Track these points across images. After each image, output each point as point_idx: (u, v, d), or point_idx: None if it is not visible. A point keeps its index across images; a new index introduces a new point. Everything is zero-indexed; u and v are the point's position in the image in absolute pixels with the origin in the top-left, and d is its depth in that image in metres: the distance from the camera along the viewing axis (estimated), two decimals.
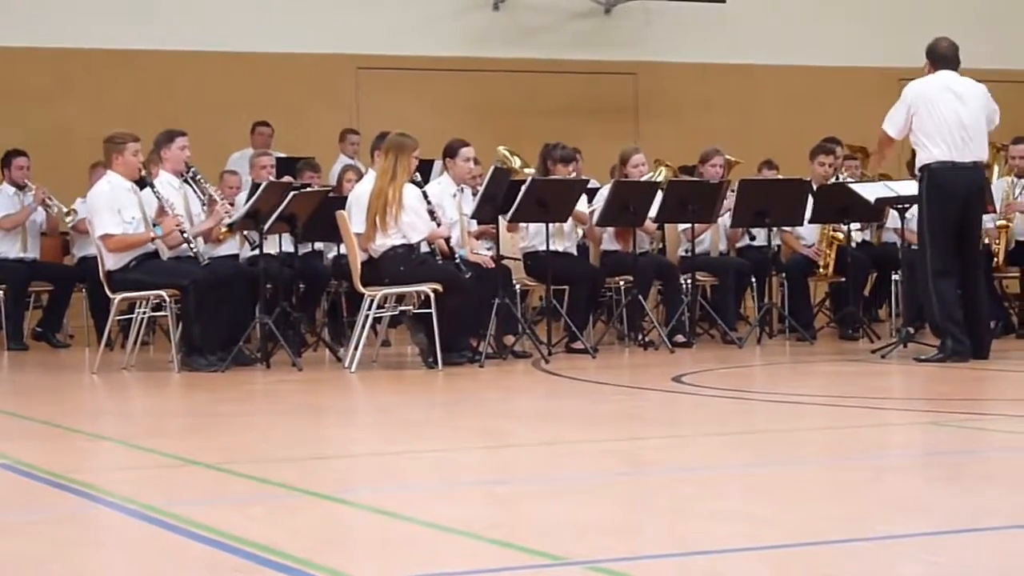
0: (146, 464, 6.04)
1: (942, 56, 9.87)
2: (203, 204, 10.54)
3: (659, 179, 12.13)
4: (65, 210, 12.52)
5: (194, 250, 10.10)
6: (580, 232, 11.67)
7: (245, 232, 10.91)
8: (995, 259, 11.97)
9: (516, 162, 11.39)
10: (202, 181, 10.61)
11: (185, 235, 10.11)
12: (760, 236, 12.38)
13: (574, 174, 11.38)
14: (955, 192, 9.63)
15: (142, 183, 10.25)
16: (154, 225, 10.12)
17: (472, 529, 4.40)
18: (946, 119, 9.62)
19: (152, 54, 14.95)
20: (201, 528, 4.43)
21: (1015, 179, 12.28)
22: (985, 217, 10.70)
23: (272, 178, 11.62)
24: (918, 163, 9.79)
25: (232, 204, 11.06)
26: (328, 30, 15.52)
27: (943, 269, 9.65)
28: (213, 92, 14.98)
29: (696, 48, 16.56)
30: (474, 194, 10.76)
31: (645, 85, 16.54)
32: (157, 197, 10.14)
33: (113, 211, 10.04)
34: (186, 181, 10.54)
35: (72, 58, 14.79)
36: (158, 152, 10.54)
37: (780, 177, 12.94)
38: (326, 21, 15.52)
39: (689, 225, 11.62)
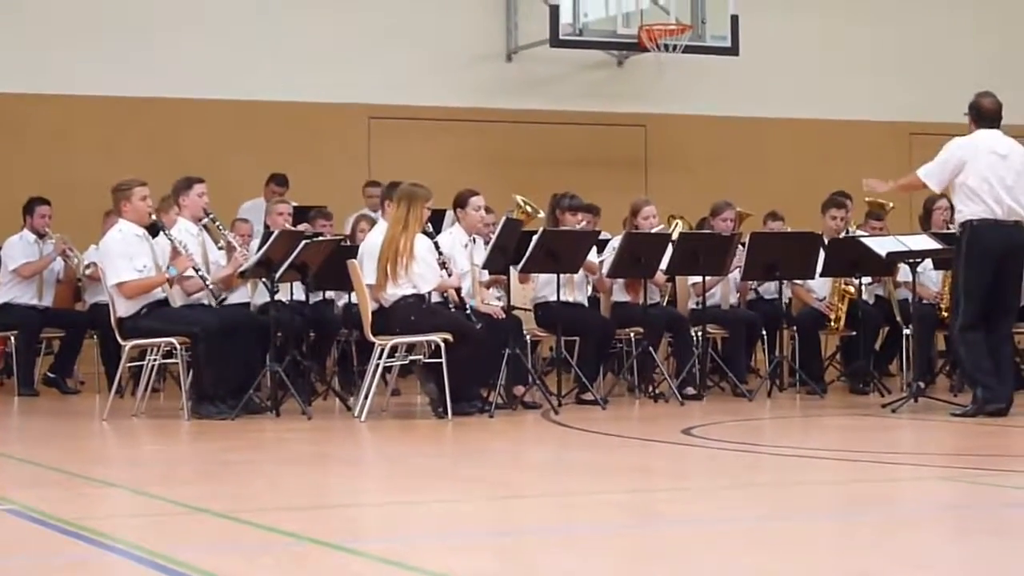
0: (155, 511, 6.03)
1: (985, 115, 9.95)
2: (220, 248, 10.55)
3: (674, 233, 12.04)
4: (86, 263, 12.49)
5: (210, 287, 10.10)
6: (591, 287, 11.66)
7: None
8: None
9: (530, 210, 11.41)
10: (220, 227, 10.62)
11: (200, 272, 10.10)
12: (771, 289, 12.38)
13: (583, 223, 11.39)
14: (994, 248, 9.71)
15: (154, 229, 10.25)
16: (168, 267, 10.11)
17: None
18: (988, 178, 9.70)
19: (162, 102, 14.92)
20: None
21: None
22: None
23: (288, 226, 11.64)
24: (959, 218, 9.86)
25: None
26: (340, 79, 15.53)
27: (973, 324, 9.71)
28: (223, 141, 14.93)
29: (707, 100, 16.57)
30: (486, 244, 10.77)
31: (655, 137, 16.56)
32: (170, 239, 10.13)
33: (126, 258, 10.02)
34: (204, 227, 10.56)
35: (81, 106, 14.74)
36: (176, 199, 10.54)
37: (789, 229, 12.93)
38: (338, 70, 15.53)
39: (699, 279, 11.62)
